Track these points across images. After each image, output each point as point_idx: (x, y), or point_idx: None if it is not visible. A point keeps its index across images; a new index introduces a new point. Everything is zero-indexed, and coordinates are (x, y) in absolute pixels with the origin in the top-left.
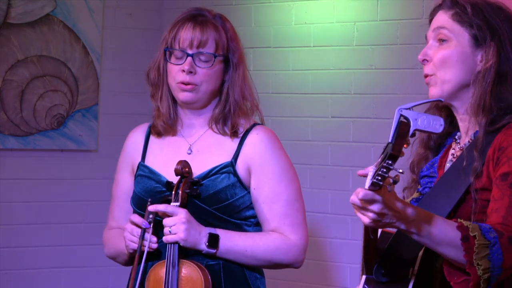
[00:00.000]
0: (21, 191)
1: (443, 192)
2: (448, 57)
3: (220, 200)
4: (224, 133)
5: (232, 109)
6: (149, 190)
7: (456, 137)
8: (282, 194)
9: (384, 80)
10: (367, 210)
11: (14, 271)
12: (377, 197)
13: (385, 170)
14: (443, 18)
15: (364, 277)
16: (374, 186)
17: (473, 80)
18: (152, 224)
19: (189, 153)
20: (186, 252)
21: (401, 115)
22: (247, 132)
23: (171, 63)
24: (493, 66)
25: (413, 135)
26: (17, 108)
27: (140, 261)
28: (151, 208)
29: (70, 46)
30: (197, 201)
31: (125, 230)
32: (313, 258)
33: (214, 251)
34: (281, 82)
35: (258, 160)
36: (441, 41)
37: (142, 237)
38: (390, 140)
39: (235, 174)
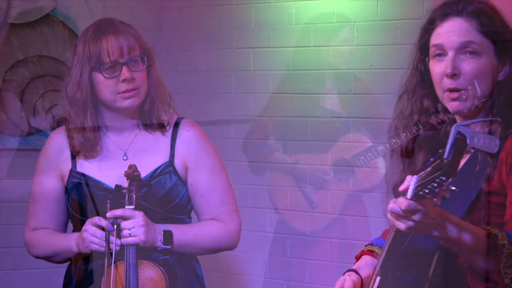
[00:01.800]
0: (21, 191)
1: (456, 194)
2: (483, 71)
3: (169, 201)
4: (154, 129)
5: (155, 103)
6: (94, 197)
7: None
8: (217, 186)
9: (384, 80)
10: (408, 219)
11: (14, 271)
12: (420, 207)
13: (436, 185)
14: (468, 30)
15: (378, 278)
16: (419, 198)
17: (494, 92)
18: (115, 226)
19: (125, 159)
20: (141, 249)
21: (458, 131)
22: (176, 128)
23: (106, 77)
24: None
25: (468, 152)
26: (17, 108)
27: (110, 261)
28: (109, 214)
29: (70, 46)
30: (149, 205)
31: (84, 232)
32: (313, 258)
33: (169, 247)
34: (281, 82)
35: (193, 157)
36: (471, 53)
37: (108, 239)
38: (445, 156)
39: (176, 173)
